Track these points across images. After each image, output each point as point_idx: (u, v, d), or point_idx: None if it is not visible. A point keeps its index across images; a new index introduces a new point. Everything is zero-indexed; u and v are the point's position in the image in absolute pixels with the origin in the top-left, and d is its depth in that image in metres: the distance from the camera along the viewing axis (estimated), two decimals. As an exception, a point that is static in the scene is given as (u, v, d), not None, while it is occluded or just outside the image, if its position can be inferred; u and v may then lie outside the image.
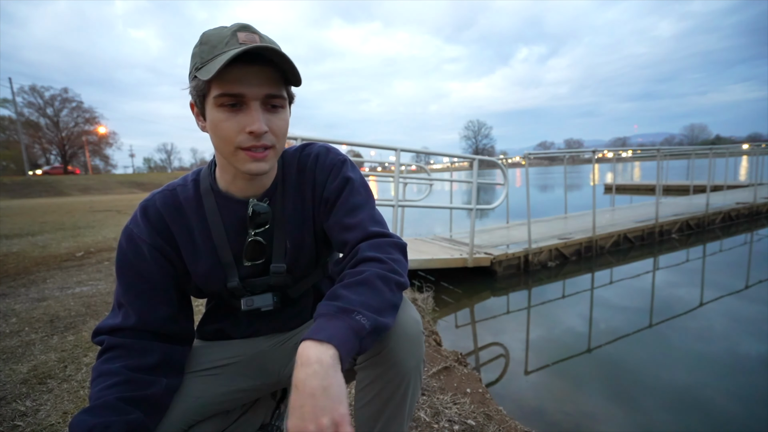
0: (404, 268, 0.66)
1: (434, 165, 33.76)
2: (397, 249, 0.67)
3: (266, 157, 0.63)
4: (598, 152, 5.56)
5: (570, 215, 6.52)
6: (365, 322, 0.54)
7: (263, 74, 0.60)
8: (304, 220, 0.74)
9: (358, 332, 0.53)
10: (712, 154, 7.73)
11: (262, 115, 0.60)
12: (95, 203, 13.91)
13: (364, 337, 0.53)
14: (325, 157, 0.75)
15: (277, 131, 0.63)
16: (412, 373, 0.64)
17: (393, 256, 0.65)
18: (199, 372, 0.73)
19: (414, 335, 0.64)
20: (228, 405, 0.76)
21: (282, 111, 0.64)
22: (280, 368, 0.79)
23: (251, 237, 0.71)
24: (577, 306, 3.32)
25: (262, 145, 0.61)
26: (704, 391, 1.96)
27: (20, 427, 1.29)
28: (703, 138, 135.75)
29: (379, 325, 0.56)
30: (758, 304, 3.09)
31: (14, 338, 2.07)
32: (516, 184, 18.58)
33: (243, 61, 0.58)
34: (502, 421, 1.39)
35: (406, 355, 0.63)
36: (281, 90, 0.63)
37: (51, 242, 5.20)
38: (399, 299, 0.63)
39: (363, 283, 0.58)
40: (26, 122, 40.16)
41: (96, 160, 51.27)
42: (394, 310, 0.61)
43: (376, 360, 0.63)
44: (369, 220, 0.69)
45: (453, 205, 5.10)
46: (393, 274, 0.62)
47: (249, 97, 0.59)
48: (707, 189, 6.74)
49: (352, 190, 0.72)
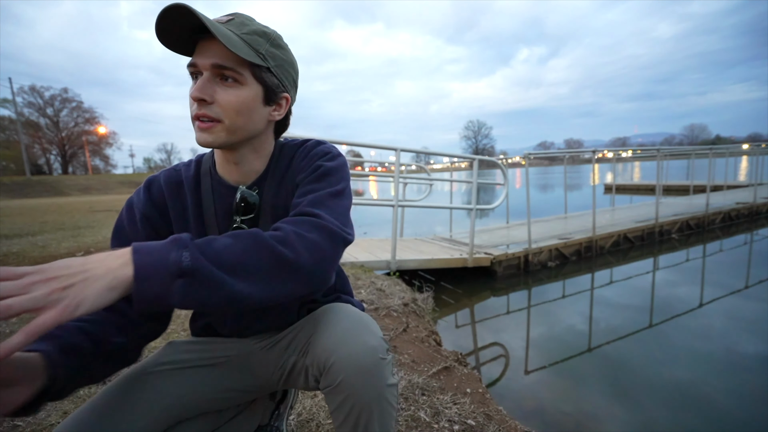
0: (312, 248, 0.54)
1: (434, 165, 33.71)
2: (316, 229, 0.56)
3: (210, 129, 0.62)
4: (598, 152, 5.56)
5: (570, 215, 6.52)
6: (185, 261, 0.46)
7: (218, 47, 0.60)
8: (287, 212, 0.72)
9: (169, 267, 0.45)
10: (712, 154, 7.73)
11: (207, 85, 0.61)
12: (95, 203, 13.91)
13: (176, 276, 0.45)
14: (311, 149, 0.74)
15: (224, 105, 0.62)
16: (373, 405, 0.60)
17: (304, 233, 0.55)
18: (184, 367, 0.72)
19: (368, 366, 0.60)
20: (217, 405, 0.75)
21: (235, 86, 0.62)
22: (268, 371, 0.78)
23: (236, 224, 0.71)
24: (577, 306, 3.32)
25: (203, 114, 0.61)
26: (704, 390, 1.96)
27: (20, 427, 1.29)
28: (703, 138, 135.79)
29: (206, 275, 0.46)
30: (758, 303, 3.09)
31: (14, 338, 2.07)
32: (516, 184, 18.58)
33: (207, 36, 0.61)
34: (502, 421, 1.39)
35: (362, 387, 0.59)
36: (234, 64, 0.61)
37: (51, 242, 5.19)
38: (274, 274, 0.51)
39: (233, 236, 0.52)
40: (26, 122, 40.16)
41: (96, 160, 51.28)
42: (252, 276, 0.50)
43: (333, 390, 0.61)
44: (310, 202, 0.62)
45: (453, 205, 5.10)
46: (277, 242, 0.52)
47: (201, 67, 0.61)
48: (707, 189, 6.74)
49: (318, 177, 0.68)
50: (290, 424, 1.26)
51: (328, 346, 0.62)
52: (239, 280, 0.49)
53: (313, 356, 0.65)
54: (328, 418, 1.30)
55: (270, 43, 0.66)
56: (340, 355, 0.60)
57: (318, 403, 1.38)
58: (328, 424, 1.27)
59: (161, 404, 0.65)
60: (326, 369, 0.61)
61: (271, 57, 0.66)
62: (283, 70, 0.69)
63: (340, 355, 0.60)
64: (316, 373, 0.64)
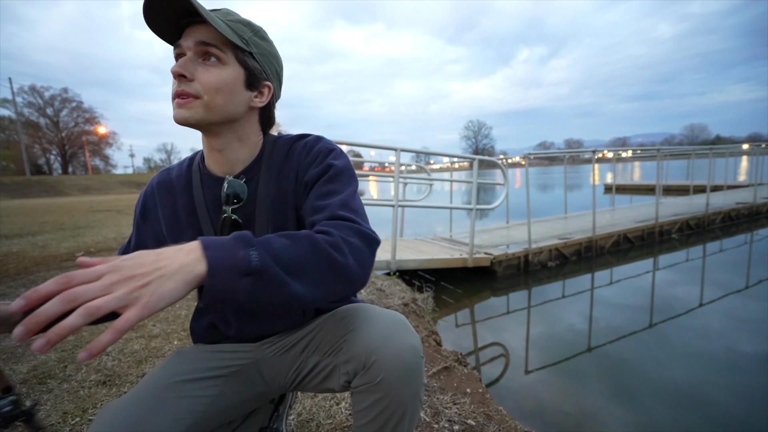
0: (358, 255, 0.56)
1: (434, 165, 33.72)
2: (358, 235, 0.59)
3: (188, 104, 0.63)
4: (598, 152, 5.56)
5: (570, 215, 6.52)
6: (254, 260, 0.47)
7: (203, 30, 0.63)
8: (287, 205, 0.73)
9: (239, 264, 0.46)
10: (712, 154, 7.73)
11: (189, 63, 0.62)
12: (95, 203, 13.91)
13: (243, 274, 0.46)
14: (313, 145, 0.74)
15: (205, 82, 0.63)
16: (408, 404, 0.61)
17: (349, 238, 0.57)
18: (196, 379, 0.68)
19: (411, 365, 0.61)
20: (229, 416, 0.74)
21: (217, 65, 0.64)
22: (281, 375, 0.77)
23: (225, 214, 0.71)
24: (577, 306, 3.32)
25: (182, 91, 0.62)
26: (704, 390, 1.96)
27: (20, 427, 1.28)
28: (703, 138, 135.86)
29: (271, 275, 0.48)
30: (758, 303, 3.09)
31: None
32: (516, 184, 18.58)
33: (193, 21, 0.63)
34: (502, 421, 1.39)
35: (402, 385, 0.60)
36: (219, 43, 0.63)
37: (51, 242, 5.19)
38: (328, 277, 0.53)
39: (290, 237, 0.53)
40: (26, 122, 40.21)
41: (96, 160, 51.31)
42: (307, 278, 0.51)
43: (370, 388, 0.60)
44: (339, 205, 0.64)
45: (453, 205, 5.10)
46: (330, 247, 0.53)
47: (184, 48, 0.63)
48: (707, 189, 6.74)
49: (332, 176, 0.69)
50: (290, 424, 1.26)
51: (369, 345, 0.62)
52: (297, 280, 0.50)
53: (350, 355, 0.64)
54: (329, 418, 1.30)
55: (254, 33, 0.68)
56: (382, 353, 0.60)
57: (318, 403, 1.38)
58: (328, 423, 1.27)
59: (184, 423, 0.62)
60: (367, 367, 0.61)
61: (254, 44, 0.68)
62: (266, 59, 0.70)
63: (383, 353, 0.60)
64: (352, 371, 0.63)
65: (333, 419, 1.30)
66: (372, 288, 2.80)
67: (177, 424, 0.61)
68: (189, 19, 0.64)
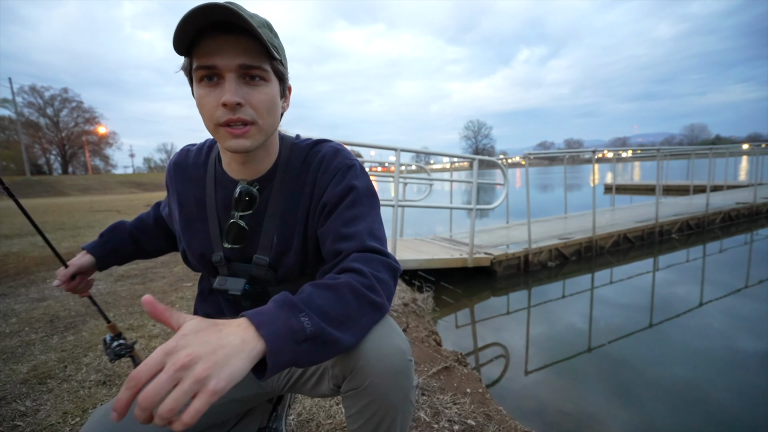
0: (388, 290, 0.60)
1: (434, 165, 33.71)
2: (387, 270, 0.61)
3: (246, 134, 0.60)
4: (598, 152, 5.56)
5: (570, 215, 6.52)
6: (308, 327, 0.48)
7: (239, 45, 0.57)
8: (297, 218, 0.71)
9: (296, 334, 0.47)
10: (712, 154, 7.73)
11: (237, 87, 0.58)
12: (95, 203, 13.91)
13: (301, 341, 0.47)
14: (331, 159, 0.70)
15: (257, 105, 0.60)
16: (398, 407, 0.61)
17: (379, 274, 0.59)
18: None
19: (398, 368, 0.60)
20: (221, 416, 0.75)
21: (264, 84, 0.60)
22: (274, 378, 0.77)
23: (233, 219, 0.70)
24: (577, 306, 3.32)
25: (238, 119, 0.58)
26: (704, 390, 1.96)
27: (20, 427, 1.28)
28: (703, 138, 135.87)
29: (326, 336, 0.50)
30: (758, 303, 3.09)
31: (14, 338, 2.07)
32: (516, 184, 18.58)
33: (219, 32, 0.56)
34: (502, 421, 1.39)
35: (390, 389, 0.59)
36: (261, 62, 0.59)
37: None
38: (368, 320, 0.57)
39: (331, 289, 0.54)
40: (26, 122, 40.23)
41: (96, 160, 51.31)
42: (354, 327, 0.55)
43: (358, 392, 0.60)
44: (367, 234, 0.64)
45: (453, 205, 5.10)
46: (369, 291, 0.56)
47: (223, 69, 0.57)
48: (707, 189, 6.74)
49: (355, 200, 0.67)
50: (290, 424, 1.26)
51: (355, 349, 0.61)
52: (346, 332, 0.53)
53: (337, 359, 0.63)
54: (329, 418, 1.30)
55: (274, 34, 0.63)
56: (369, 357, 0.59)
57: (318, 403, 1.38)
58: (328, 423, 1.27)
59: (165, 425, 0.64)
60: (353, 372, 0.60)
61: (280, 48, 0.64)
62: (285, 59, 0.67)
63: (369, 357, 0.59)
64: (339, 375, 0.63)
65: (333, 419, 1.30)
66: (372, 288, 2.80)
67: None
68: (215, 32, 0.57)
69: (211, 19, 0.55)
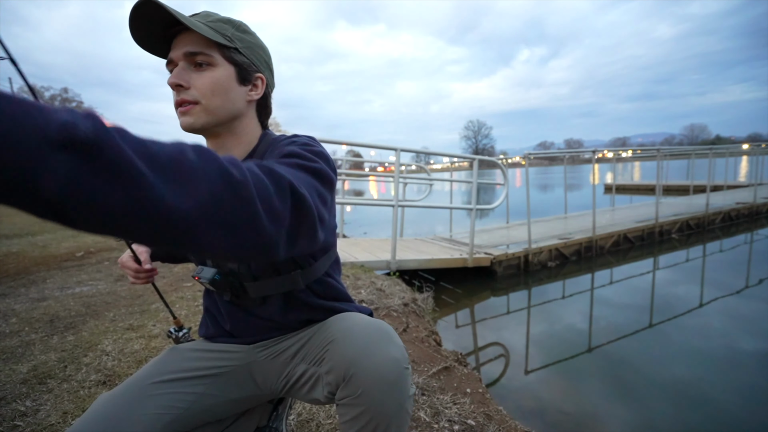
0: (257, 183, 0.39)
1: (434, 165, 33.70)
2: (271, 177, 0.42)
3: (189, 111, 0.64)
4: (598, 152, 5.56)
5: (570, 215, 6.52)
6: (83, 127, 0.27)
7: (187, 38, 0.64)
8: None
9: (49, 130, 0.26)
10: (712, 154, 7.73)
11: (182, 72, 0.64)
12: (95, 203, 13.89)
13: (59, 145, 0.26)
14: (293, 138, 0.68)
15: (201, 87, 0.64)
16: (392, 416, 0.60)
17: (252, 168, 0.40)
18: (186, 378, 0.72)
19: (392, 378, 0.59)
20: (218, 415, 0.75)
21: (209, 69, 0.65)
22: (271, 380, 0.77)
23: None
24: (577, 306, 3.32)
25: (182, 100, 0.64)
26: (705, 389, 1.96)
27: (20, 427, 1.28)
28: (703, 138, 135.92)
29: (110, 153, 0.28)
30: (758, 303, 3.09)
31: (14, 338, 2.07)
32: (516, 184, 18.57)
33: (178, 31, 0.65)
34: (502, 421, 1.39)
35: (384, 399, 0.59)
36: (204, 48, 0.64)
37: (51, 242, 5.19)
38: (211, 187, 0.34)
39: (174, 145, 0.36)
40: (26, 122, 40.20)
41: (96, 160, 51.31)
42: (174, 173, 0.33)
43: (352, 401, 0.60)
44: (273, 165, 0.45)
45: (453, 205, 5.10)
46: (231, 166, 0.37)
47: (176, 59, 0.65)
48: (707, 189, 6.73)
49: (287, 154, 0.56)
50: (290, 424, 1.26)
51: (349, 357, 0.61)
52: (166, 181, 0.32)
53: (331, 366, 0.63)
54: (329, 418, 1.30)
55: (235, 28, 0.69)
56: (362, 366, 0.59)
57: (318, 403, 1.38)
58: (328, 424, 1.27)
59: (164, 419, 0.65)
60: (346, 380, 0.60)
61: (237, 39, 0.68)
62: (253, 51, 0.70)
63: (363, 366, 0.58)
64: (333, 383, 0.63)
65: (333, 419, 1.30)
66: (372, 288, 2.80)
67: (157, 419, 0.64)
68: (174, 29, 0.65)
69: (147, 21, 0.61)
